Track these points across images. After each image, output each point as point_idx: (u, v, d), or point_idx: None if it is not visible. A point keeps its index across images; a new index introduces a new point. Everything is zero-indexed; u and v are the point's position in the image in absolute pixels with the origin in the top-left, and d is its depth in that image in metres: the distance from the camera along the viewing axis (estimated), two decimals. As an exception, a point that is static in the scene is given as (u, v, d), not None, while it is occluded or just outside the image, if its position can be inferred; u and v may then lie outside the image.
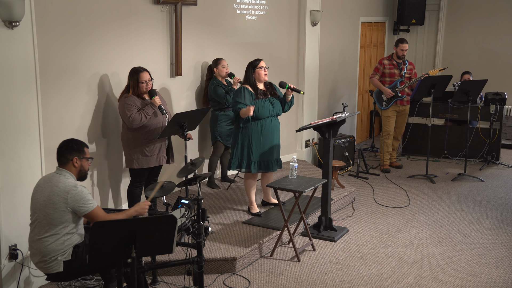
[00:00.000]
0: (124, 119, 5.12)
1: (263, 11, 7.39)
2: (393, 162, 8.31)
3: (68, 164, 3.81)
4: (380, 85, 7.85)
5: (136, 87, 5.09)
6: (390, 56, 7.95)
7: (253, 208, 5.85)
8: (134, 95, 5.10)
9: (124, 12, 5.54)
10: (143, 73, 5.10)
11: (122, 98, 5.13)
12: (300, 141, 8.19)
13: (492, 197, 6.99)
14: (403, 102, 7.93)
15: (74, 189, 3.70)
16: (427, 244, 5.55)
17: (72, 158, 3.80)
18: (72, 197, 3.68)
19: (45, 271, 3.81)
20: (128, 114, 5.01)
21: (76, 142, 3.86)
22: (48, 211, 3.69)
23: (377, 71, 7.93)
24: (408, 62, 7.96)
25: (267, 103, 5.55)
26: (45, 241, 3.72)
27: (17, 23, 4.11)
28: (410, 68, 7.94)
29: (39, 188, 3.79)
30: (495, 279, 4.82)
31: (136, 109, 5.05)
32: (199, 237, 3.96)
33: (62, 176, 3.76)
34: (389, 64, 7.86)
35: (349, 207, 6.61)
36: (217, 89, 6.30)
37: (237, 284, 4.69)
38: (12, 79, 4.20)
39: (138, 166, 5.18)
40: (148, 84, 5.12)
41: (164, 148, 5.31)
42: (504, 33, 10.26)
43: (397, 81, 7.80)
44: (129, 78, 5.14)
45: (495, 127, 8.44)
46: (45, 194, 3.72)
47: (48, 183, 3.76)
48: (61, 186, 3.70)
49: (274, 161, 5.69)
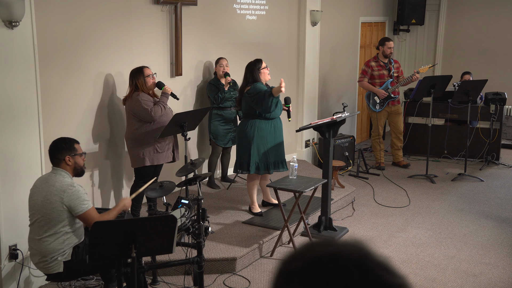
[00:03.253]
0: (142, 115, 5.11)
1: (263, 11, 7.39)
2: (400, 162, 8.32)
3: (61, 164, 3.80)
4: (371, 87, 7.83)
5: (144, 84, 5.15)
6: (376, 57, 7.91)
7: (255, 208, 5.85)
8: (143, 92, 5.15)
9: (124, 12, 5.54)
10: (146, 69, 5.21)
11: (134, 97, 5.12)
12: (300, 141, 8.19)
13: (492, 197, 6.98)
14: (394, 102, 7.94)
15: (71, 188, 3.69)
16: (427, 244, 5.55)
17: (64, 158, 3.78)
18: (68, 196, 3.67)
19: (45, 271, 3.81)
20: (148, 108, 5.08)
21: (65, 141, 3.84)
22: (46, 211, 3.69)
23: (365, 74, 7.89)
24: (394, 60, 7.96)
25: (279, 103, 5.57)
26: (44, 241, 3.71)
27: (17, 23, 4.11)
28: (397, 67, 7.95)
29: (36, 189, 3.78)
30: (495, 279, 4.81)
31: (152, 103, 5.13)
32: (199, 237, 3.96)
33: (58, 176, 3.75)
34: (377, 66, 7.83)
35: (349, 207, 6.61)
36: (210, 87, 6.35)
37: (237, 284, 4.69)
38: (12, 79, 4.19)
39: (150, 163, 5.20)
40: (153, 78, 5.24)
41: (171, 145, 5.37)
42: (504, 33, 10.26)
43: (388, 82, 7.78)
44: (134, 78, 5.15)
45: (495, 127, 8.44)
46: (42, 194, 3.71)
47: (45, 183, 3.75)
48: (58, 185, 3.70)
49: (284, 160, 5.73)
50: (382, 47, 7.80)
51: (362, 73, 7.94)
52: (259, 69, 5.52)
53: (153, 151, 5.20)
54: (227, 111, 6.40)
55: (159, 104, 5.16)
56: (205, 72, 6.66)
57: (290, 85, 7.78)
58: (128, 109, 5.19)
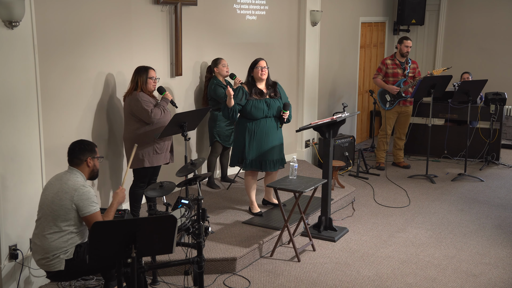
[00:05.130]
0: (141, 115, 5.08)
1: (263, 11, 7.39)
2: (400, 162, 8.31)
3: (81, 165, 3.89)
4: (383, 84, 7.85)
5: (144, 84, 5.12)
6: (393, 56, 7.95)
7: (254, 208, 5.85)
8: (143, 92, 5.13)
9: (124, 12, 5.54)
10: (151, 70, 5.18)
11: (132, 95, 5.10)
12: (300, 141, 8.19)
13: (492, 197, 6.98)
14: (406, 102, 7.93)
15: (82, 188, 3.77)
16: (427, 244, 5.55)
17: (86, 159, 3.89)
18: (78, 195, 3.75)
19: (46, 269, 3.83)
20: (148, 109, 5.05)
21: (87, 143, 3.94)
22: (54, 207, 3.75)
23: (380, 71, 7.93)
24: (412, 61, 7.95)
25: (261, 104, 5.53)
26: (49, 238, 3.76)
27: (17, 23, 4.11)
28: (413, 67, 7.92)
29: (50, 185, 3.87)
30: (495, 279, 4.82)
31: (152, 104, 5.10)
32: (199, 237, 3.96)
33: (72, 175, 3.85)
34: (392, 64, 7.86)
35: (349, 207, 6.61)
36: (217, 88, 6.29)
37: (237, 284, 4.69)
38: (12, 79, 4.19)
39: (149, 164, 5.18)
40: (155, 81, 5.20)
41: (169, 146, 5.35)
42: (504, 33, 10.26)
43: (401, 81, 7.79)
44: (137, 76, 5.14)
45: (495, 127, 8.45)
46: (54, 190, 3.79)
47: (59, 180, 3.84)
48: (70, 184, 3.79)
49: (270, 161, 5.63)
50: (400, 45, 7.82)
51: (377, 70, 8.00)
52: (253, 67, 5.57)
53: (153, 152, 5.18)
54: None
55: (160, 107, 5.14)
56: (205, 72, 6.65)
57: (290, 85, 7.79)
58: (127, 108, 5.15)
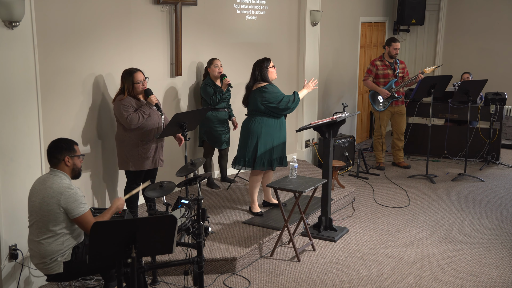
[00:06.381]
0: (121, 120, 5.08)
1: (263, 11, 7.39)
2: (400, 162, 8.32)
3: (60, 164, 3.77)
4: (375, 86, 7.84)
5: (131, 88, 5.04)
6: (381, 57, 7.93)
7: (255, 207, 5.86)
8: (129, 96, 5.06)
9: (124, 12, 5.54)
10: (137, 73, 5.06)
11: (117, 100, 5.07)
12: (300, 141, 8.19)
13: (492, 197, 6.98)
14: (398, 102, 7.94)
15: (68, 191, 3.68)
16: (427, 244, 5.55)
17: (64, 158, 3.76)
18: (65, 198, 3.66)
19: (45, 272, 3.81)
20: (126, 114, 4.97)
21: (64, 141, 3.82)
22: (43, 213, 3.68)
23: (370, 73, 7.90)
24: (399, 61, 7.98)
25: None
26: (44, 243, 3.71)
27: (17, 23, 4.11)
28: (402, 67, 7.95)
29: (34, 191, 3.77)
30: (495, 279, 4.82)
31: (132, 109, 5.01)
32: (199, 237, 3.96)
33: (56, 177, 3.73)
34: (382, 65, 7.85)
35: (349, 207, 6.61)
36: (206, 87, 6.29)
37: (237, 284, 4.69)
38: (12, 79, 4.19)
39: (134, 168, 5.15)
40: (144, 84, 5.10)
41: (160, 150, 5.26)
42: (504, 33, 10.26)
43: (392, 82, 7.79)
44: (123, 80, 5.08)
45: (495, 127, 8.45)
46: (40, 196, 3.70)
47: (42, 184, 3.73)
48: (55, 187, 3.68)
49: (285, 156, 5.79)
50: (388, 47, 7.82)
51: (367, 72, 7.96)
52: (267, 68, 5.57)
53: (137, 157, 5.12)
54: (221, 112, 6.39)
55: (138, 113, 5.00)
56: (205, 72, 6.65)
57: (290, 85, 7.79)
58: (114, 111, 5.17)
